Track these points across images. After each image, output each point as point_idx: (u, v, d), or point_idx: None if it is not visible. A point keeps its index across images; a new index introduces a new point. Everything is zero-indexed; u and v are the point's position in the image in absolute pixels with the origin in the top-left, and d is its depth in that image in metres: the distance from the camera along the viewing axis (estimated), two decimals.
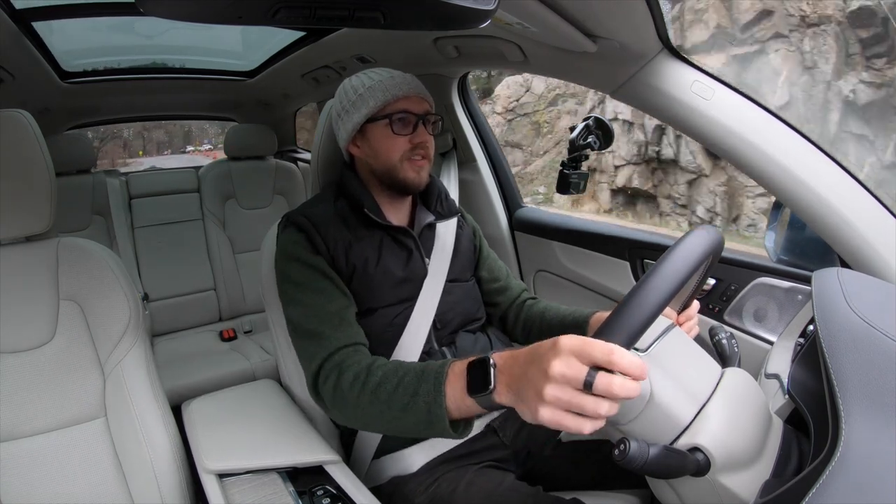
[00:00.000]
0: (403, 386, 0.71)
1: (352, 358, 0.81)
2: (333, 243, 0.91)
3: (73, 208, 2.02)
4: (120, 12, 1.52)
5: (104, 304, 0.93)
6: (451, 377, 0.66)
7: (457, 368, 0.67)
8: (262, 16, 0.52)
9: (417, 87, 0.95)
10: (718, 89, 0.89)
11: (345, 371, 0.79)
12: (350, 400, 0.76)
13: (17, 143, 0.88)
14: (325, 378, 0.81)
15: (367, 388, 0.75)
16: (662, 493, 0.66)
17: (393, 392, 0.72)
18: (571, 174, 1.26)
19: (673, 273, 0.58)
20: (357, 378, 0.77)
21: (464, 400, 0.64)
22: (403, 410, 0.70)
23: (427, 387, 0.68)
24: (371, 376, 0.76)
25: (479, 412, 0.64)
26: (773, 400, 0.75)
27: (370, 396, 0.74)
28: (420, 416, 0.68)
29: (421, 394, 0.68)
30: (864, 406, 0.48)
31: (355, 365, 0.79)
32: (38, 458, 0.87)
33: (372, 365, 0.78)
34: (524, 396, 0.55)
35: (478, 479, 0.86)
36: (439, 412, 0.66)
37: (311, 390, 0.85)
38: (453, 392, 0.65)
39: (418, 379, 0.70)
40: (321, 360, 0.82)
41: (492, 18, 0.56)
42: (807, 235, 0.95)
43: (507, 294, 1.11)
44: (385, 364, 0.78)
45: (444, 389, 0.66)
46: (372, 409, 0.74)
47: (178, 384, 1.65)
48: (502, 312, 1.10)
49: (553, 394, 0.51)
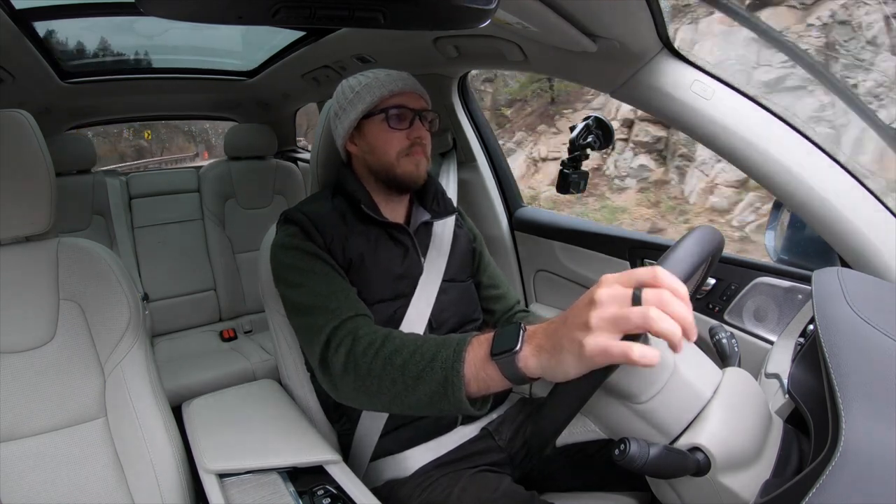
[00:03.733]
0: (421, 352, 0.66)
1: (368, 326, 0.77)
2: (330, 238, 0.91)
3: (73, 208, 2.02)
4: (120, 12, 1.52)
5: (104, 305, 0.93)
6: (474, 344, 0.62)
7: (482, 337, 0.62)
8: (262, 16, 0.52)
9: (413, 84, 0.95)
10: (718, 89, 0.89)
11: (360, 337, 0.74)
12: (362, 367, 0.71)
13: (17, 143, 0.88)
14: (337, 345, 0.76)
15: (381, 353, 0.70)
16: (662, 492, 0.66)
17: (410, 358, 0.67)
18: (571, 174, 1.26)
19: (677, 266, 0.58)
20: (372, 344, 0.72)
21: (485, 367, 0.59)
22: (417, 378, 0.65)
23: (447, 352, 0.63)
24: (388, 342, 0.72)
25: (499, 386, 0.60)
26: (773, 400, 0.75)
27: (383, 362, 0.69)
28: (435, 384, 0.63)
29: (438, 359, 0.63)
30: (864, 406, 0.48)
31: (371, 333, 0.75)
32: (39, 458, 0.87)
33: (390, 333, 0.74)
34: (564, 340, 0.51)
35: (472, 484, 0.85)
36: (456, 380, 0.61)
37: (316, 365, 0.79)
38: (474, 358, 0.61)
39: (438, 346, 0.65)
40: (332, 328, 0.78)
41: (492, 18, 0.56)
42: (807, 235, 0.94)
43: (502, 303, 1.11)
44: (404, 334, 0.74)
45: (465, 355, 0.61)
46: (384, 377, 0.69)
47: (178, 384, 1.65)
48: (495, 321, 1.10)
49: (597, 316, 0.48)
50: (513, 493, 0.83)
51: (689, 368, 0.60)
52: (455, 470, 0.89)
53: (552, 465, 0.97)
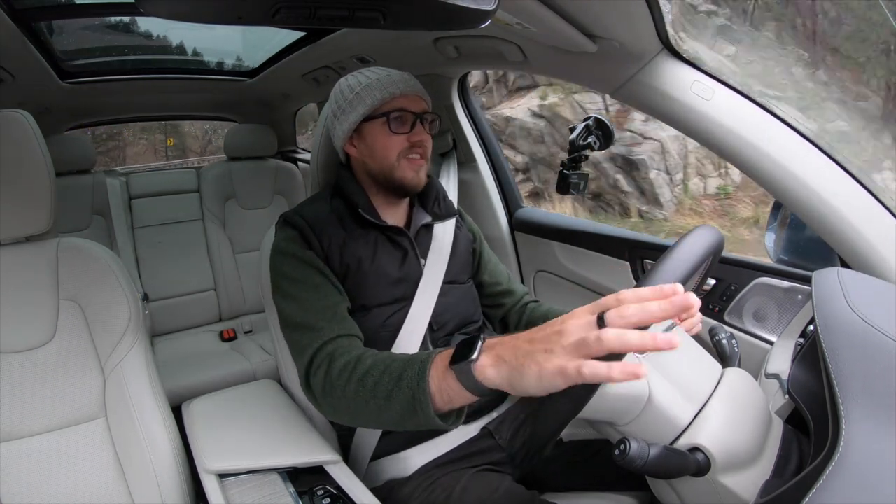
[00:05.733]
0: (389, 372, 0.68)
1: (343, 348, 0.79)
2: (328, 242, 0.91)
3: (73, 208, 2.02)
4: (120, 12, 1.52)
5: (104, 305, 0.93)
6: (437, 361, 0.63)
7: (445, 352, 0.63)
8: (262, 16, 0.52)
9: (415, 86, 0.94)
10: (718, 89, 0.89)
11: (335, 360, 0.77)
12: (338, 389, 0.74)
13: (17, 143, 0.88)
14: (316, 368, 0.79)
15: (354, 376, 0.72)
16: (662, 493, 0.67)
17: (380, 378, 0.69)
18: (571, 174, 1.26)
19: (676, 266, 0.58)
20: (346, 367, 0.74)
21: (446, 379, 0.60)
22: (388, 398, 0.67)
23: (412, 371, 0.64)
24: (360, 364, 0.73)
25: (461, 398, 0.60)
26: (773, 400, 0.75)
27: (356, 385, 0.71)
28: (404, 402, 0.64)
29: (405, 378, 0.65)
30: (864, 406, 0.48)
31: (346, 354, 0.77)
32: (38, 458, 0.87)
33: (362, 355, 0.76)
34: (526, 362, 0.52)
35: (473, 484, 0.85)
36: (422, 397, 0.62)
37: (302, 384, 0.82)
38: (437, 372, 0.62)
39: (404, 365, 0.67)
40: (314, 350, 0.80)
41: (492, 18, 0.56)
42: (807, 235, 0.95)
43: (511, 297, 1.11)
44: (376, 354, 0.75)
45: (429, 373, 0.62)
46: (358, 399, 0.71)
47: (178, 384, 1.64)
48: (504, 314, 1.10)
49: (562, 343, 0.49)
50: (513, 493, 0.83)
51: (666, 395, 0.62)
52: (455, 469, 0.89)
53: (553, 464, 0.97)
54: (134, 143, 14.25)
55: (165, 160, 13.12)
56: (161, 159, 13.44)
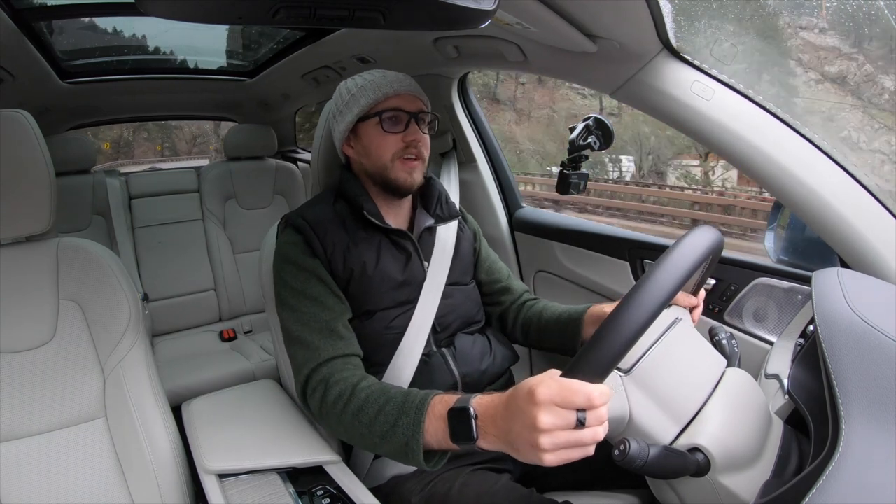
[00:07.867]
0: (384, 414, 0.74)
1: (339, 373, 0.83)
2: (332, 246, 0.91)
3: (73, 208, 2.02)
4: (120, 12, 1.52)
5: (104, 305, 0.93)
6: (430, 416, 0.69)
7: (437, 409, 0.68)
8: (262, 16, 0.52)
9: (410, 86, 0.94)
10: (718, 89, 0.89)
11: (331, 387, 0.81)
12: (333, 417, 0.80)
13: (17, 143, 0.88)
14: (312, 391, 0.83)
15: (349, 408, 0.78)
16: (662, 493, 0.67)
17: (374, 418, 0.74)
18: (571, 174, 1.26)
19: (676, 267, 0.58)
20: (341, 397, 0.79)
21: (447, 442, 0.67)
22: (382, 438, 0.73)
23: (407, 420, 0.70)
24: (354, 397, 0.78)
25: (455, 449, 0.68)
26: (773, 400, 0.75)
27: (351, 417, 0.77)
28: (398, 446, 0.71)
29: (400, 426, 0.71)
30: (864, 406, 0.48)
31: (342, 382, 0.81)
32: (38, 458, 0.87)
33: (357, 385, 0.80)
34: (519, 448, 0.58)
35: (472, 479, 0.86)
36: (416, 448, 0.69)
37: (299, 398, 0.87)
38: (435, 432, 0.68)
39: (399, 410, 0.72)
40: (309, 370, 0.84)
41: (492, 18, 0.56)
42: (807, 235, 0.95)
43: (509, 295, 1.11)
44: (370, 386, 0.80)
45: (423, 427, 0.68)
46: (353, 430, 0.77)
47: (178, 384, 1.64)
48: (502, 312, 1.10)
49: (549, 441, 0.54)
50: (512, 490, 0.83)
51: (650, 416, 0.63)
52: (456, 466, 0.89)
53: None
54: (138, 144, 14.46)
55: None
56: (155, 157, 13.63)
